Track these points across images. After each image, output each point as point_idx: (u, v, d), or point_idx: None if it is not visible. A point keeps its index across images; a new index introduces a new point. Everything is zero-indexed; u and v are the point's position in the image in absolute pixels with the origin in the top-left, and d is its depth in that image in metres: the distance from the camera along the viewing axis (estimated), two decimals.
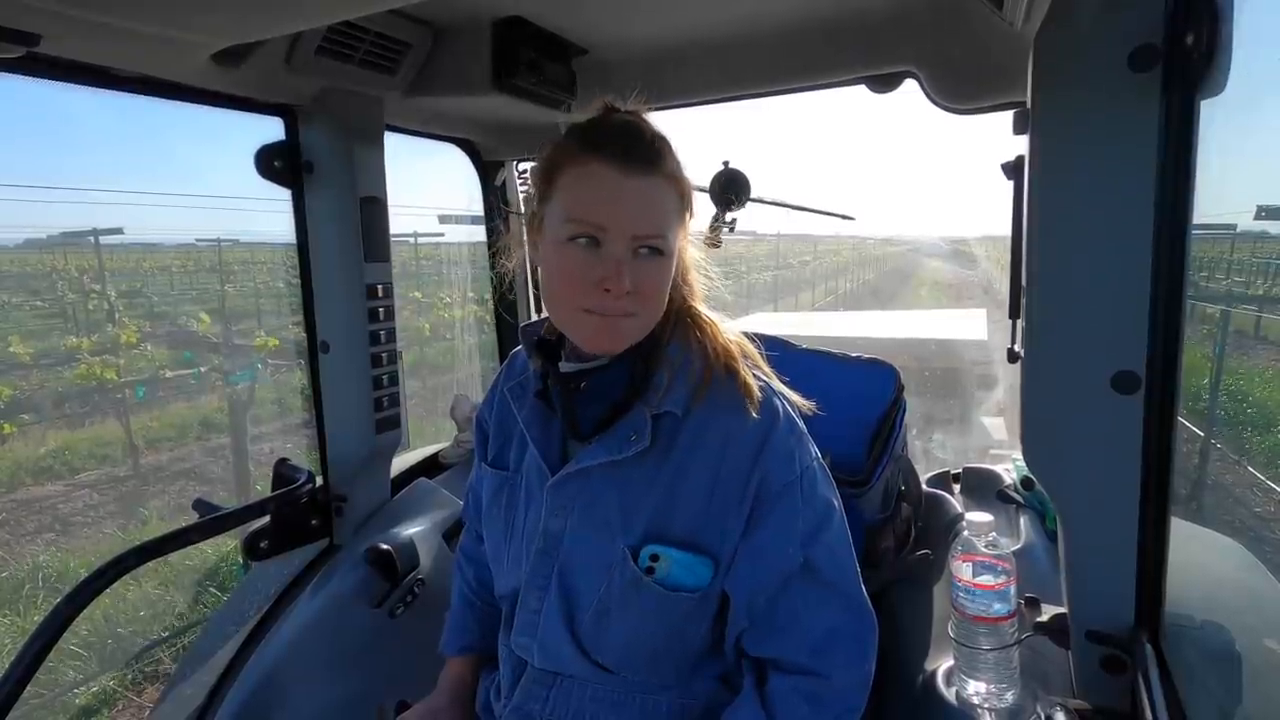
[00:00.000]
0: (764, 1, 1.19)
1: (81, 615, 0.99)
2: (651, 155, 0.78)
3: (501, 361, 1.80)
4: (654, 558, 0.80)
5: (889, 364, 1.33)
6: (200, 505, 1.22)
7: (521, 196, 0.81)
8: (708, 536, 0.80)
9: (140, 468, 6.76)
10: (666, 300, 0.83)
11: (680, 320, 0.87)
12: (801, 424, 0.86)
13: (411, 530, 1.45)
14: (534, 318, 1.02)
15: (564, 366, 0.85)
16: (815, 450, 0.86)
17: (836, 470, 1.25)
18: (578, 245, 0.77)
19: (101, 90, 1.02)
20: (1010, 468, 1.51)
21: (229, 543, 4.53)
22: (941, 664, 1.05)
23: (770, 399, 0.84)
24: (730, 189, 1.48)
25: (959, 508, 1.42)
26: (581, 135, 0.80)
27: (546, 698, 0.86)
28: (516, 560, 0.89)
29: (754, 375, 0.85)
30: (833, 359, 1.36)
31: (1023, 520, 1.34)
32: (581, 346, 0.83)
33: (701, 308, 0.90)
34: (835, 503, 0.85)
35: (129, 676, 3.66)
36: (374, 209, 1.31)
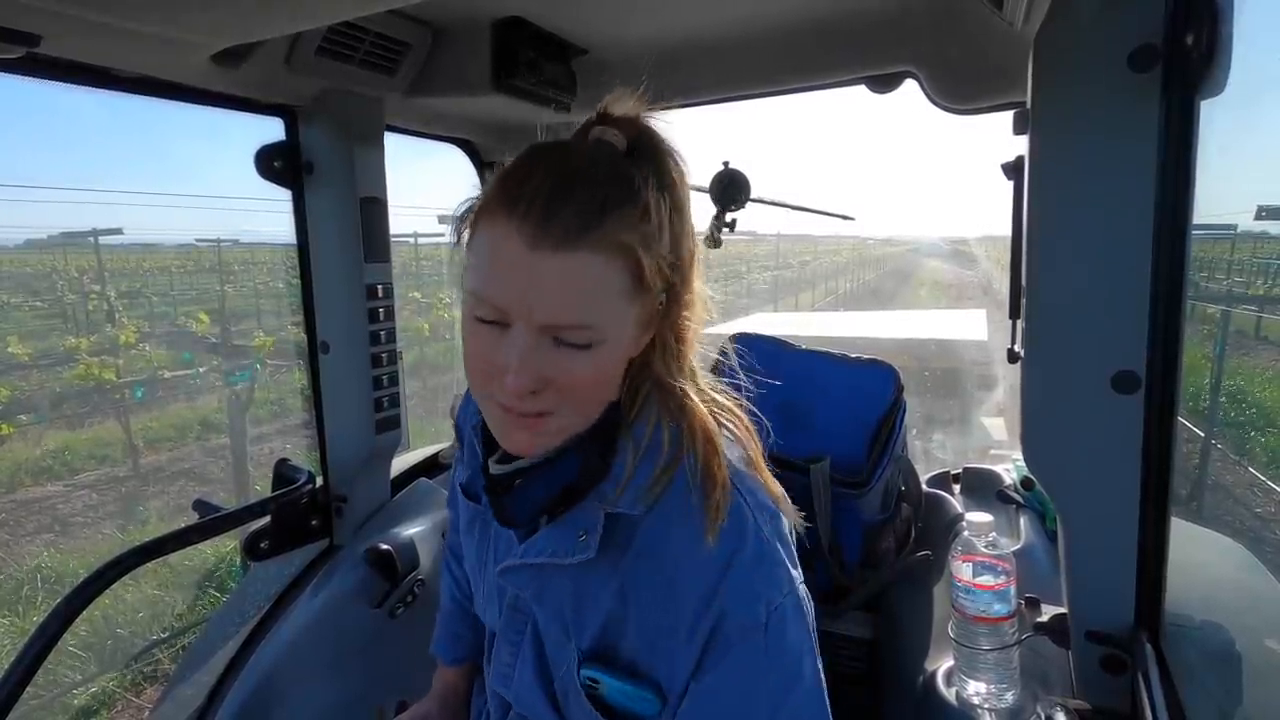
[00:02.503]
0: (764, 2, 1.19)
1: (81, 616, 0.99)
2: (581, 222, 0.59)
3: None
4: (594, 681, 0.69)
5: (889, 365, 1.34)
6: (200, 505, 1.22)
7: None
8: (658, 663, 0.67)
9: (140, 468, 6.77)
10: (607, 392, 0.68)
11: (654, 395, 0.70)
12: (780, 546, 0.68)
13: (411, 530, 1.45)
14: None
15: (494, 468, 0.72)
16: (793, 576, 0.68)
17: (836, 471, 1.25)
18: (484, 326, 0.62)
19: (101, 90, 1.02)
20: (1010, 468, 1.51)
21: (229, 543, 4.54)
22: (941, 664, 1.05)
23: (741, 517, 0.66)
24: (730, 189, 1.48)
25: (959, 508, 1.42)
26: (504, 178, 0.63)
27: None
28: (490, 598, 0.81)
29: (733, 482, 0.67)
30: (832, 360, 1.37)
31: (1023, 520, 1.34)
32: (499, 442, 0.68)
33: (685, 381, 0.71)
34: (809, 647, 0.67)
35: (128, 677, 3.66)
36: (374, 209, 1.31)
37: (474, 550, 0.85)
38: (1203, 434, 5.81)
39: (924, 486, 1.46)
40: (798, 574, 0.68)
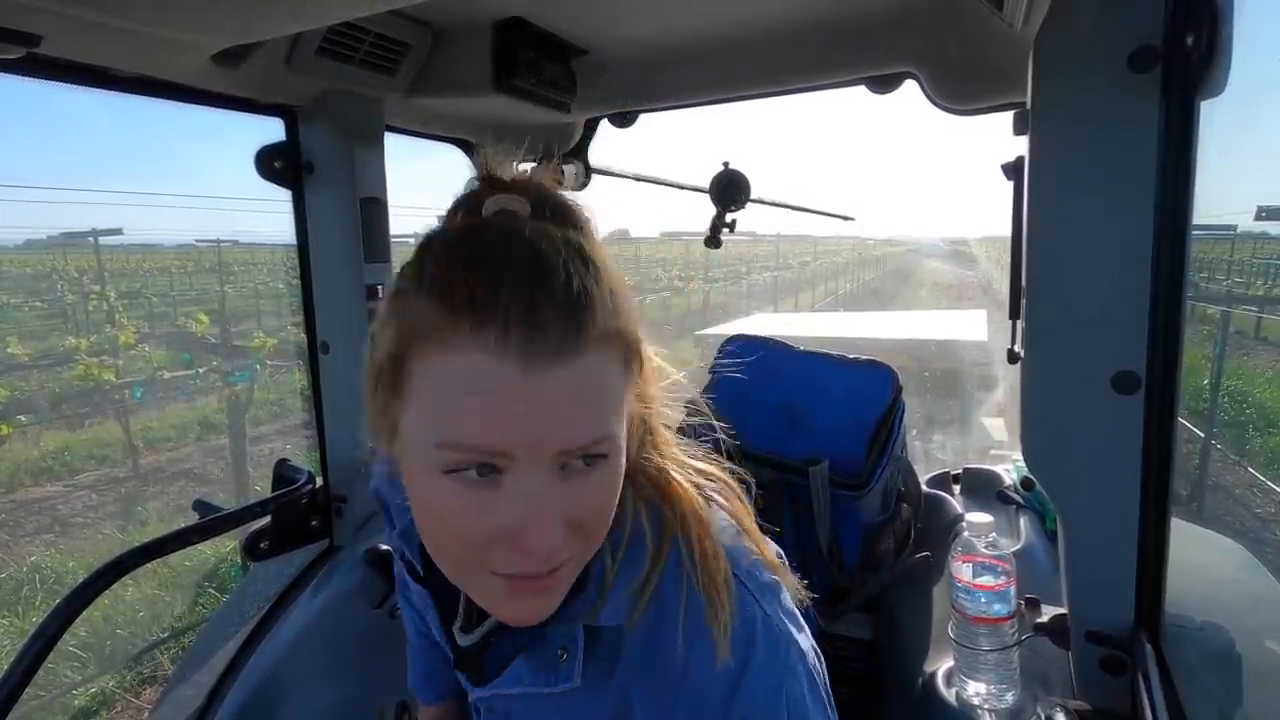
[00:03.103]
0: (764, 2, 1.19)
1: (81, 616, 0.99)
2: (572, 317, 0.47)
3: None
4: None
5: (887, 365, 1.34)
6: (200, 506, 1.22)
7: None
8: None
9: (139, 468, 6.77)
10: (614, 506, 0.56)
11: (628, 480, 0.58)
12: (786, 620, 0.60)
13: None
14: None
15: (462, 640, 0.64)
16: (804, 649, 0.59)
17: (835, 472, 1.25)
18: (462, 479, 0.49)
19: (101, 90, 1.02)
20: (1010, 468, 1.51)
21: (229, 543, 4.54)
22: (941, 665, 1.05)
23: (749, 614, 0.57)
24: (730, 189, 1.48)
25: (959, 508, 1.42)
26: (445, 282, 0.48)
27: None
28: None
29: (735, 575, 0.58)
30: (831, 361, 1.37)
31: (1023, 521, 1.34)
32: (490, 613, 0.58)
33: (662, 458, 0.61)
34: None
35: (128, 678, 3.66)
36: (374, 209, 1.31)
37: (436, 626, 0.73)
38: (1203, 434, 5.82)
39: (924, 487, 1.46)
40: (805, 638, 0.61)
